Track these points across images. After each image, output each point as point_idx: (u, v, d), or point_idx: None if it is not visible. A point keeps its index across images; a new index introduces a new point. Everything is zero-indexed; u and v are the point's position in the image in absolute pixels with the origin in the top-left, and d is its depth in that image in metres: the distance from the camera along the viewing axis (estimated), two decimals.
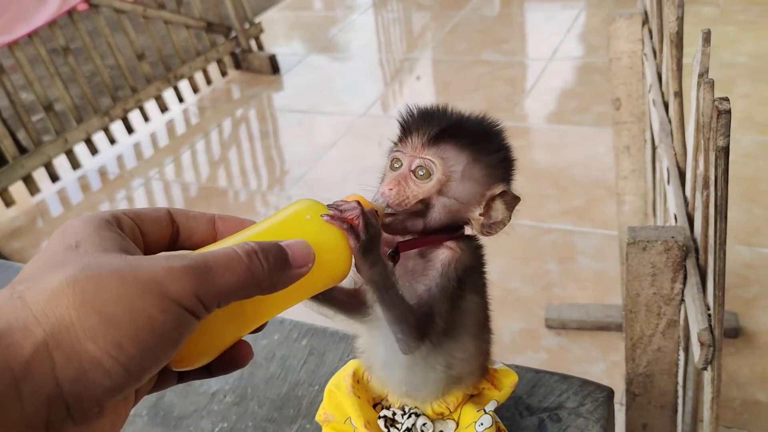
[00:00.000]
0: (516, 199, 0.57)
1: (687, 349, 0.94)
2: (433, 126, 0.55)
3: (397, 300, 0.52)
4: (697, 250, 0.79)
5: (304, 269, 0.41)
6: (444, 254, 0.56)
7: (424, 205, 0.55)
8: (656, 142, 1.07)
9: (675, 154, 0.95)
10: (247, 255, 0.38)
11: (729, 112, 0.59)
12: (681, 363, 0.92)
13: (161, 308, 0.34)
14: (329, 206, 0.47)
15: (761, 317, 1.65)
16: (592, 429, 0.72)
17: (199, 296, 0.35)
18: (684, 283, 0.80)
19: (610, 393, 0.76)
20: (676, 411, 0.91)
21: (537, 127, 2.69)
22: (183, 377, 0.42)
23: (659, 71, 1.14)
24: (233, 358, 0.42)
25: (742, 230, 1.93)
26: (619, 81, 1.43)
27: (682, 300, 0.82)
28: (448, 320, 0.56)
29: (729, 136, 0.60)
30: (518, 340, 1.74)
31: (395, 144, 0.57)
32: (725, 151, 0.60)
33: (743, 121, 2.40)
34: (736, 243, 1.89)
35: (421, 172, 0.54)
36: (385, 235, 0.53)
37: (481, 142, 0.56)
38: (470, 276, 0.57)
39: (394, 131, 0.58)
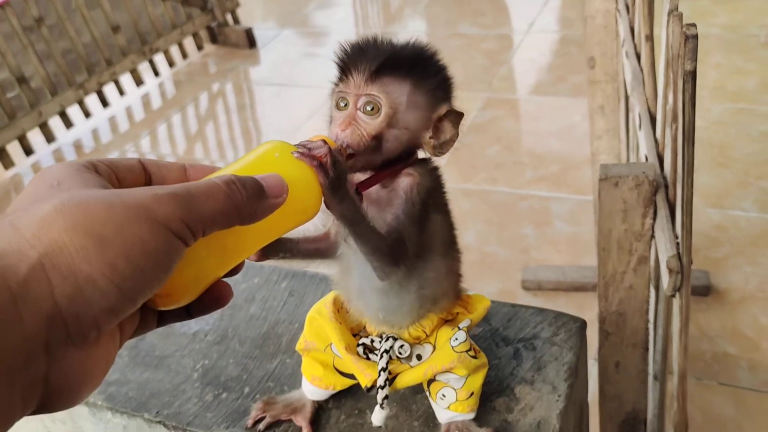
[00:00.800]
0: (460, 115, 0.59)
1: (657, 287, 0.97)
2: (372, 60, 0.56)
3: (368, 231, 0.54)
4: (666, 186, 0.81)
5: (280, 199, 0.42)
6: (405, 182, 0.58)
7: (378, 140, 0.56)
8: (629, 92, 1.09)
9: (647, 100, 0.97)
10: (226, 184, 0.39)
11: (696, 37, 0.61)
12: (652, 302, 0.94)
13: (150, 231, 0.35)
14: (297, 145, 0.48)
15: (731, 275, 1.69)
16: (566, 356, 0.74)
17: (185, 221, 0.36)
18: (654, 219, 0.82)
19: (582, 324, 0.78)
20: (647, 349, 0.94)
21: (515, 98, 2.71)
22: (163, 320, 0.43)
23: (632, 25, 1.15)
24: (213, 297, 0.43)
25: (712, 194, 1.97)
26: (594, 41, 1.45)
27: (653, 236, 0.84)
28: (418, 243, 0.58)
29: (696, 60, 0.61)
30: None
31: (336, 84, 0.58)
32: (692, 75, 0.62)
33: (715, 90, 2.44)
34: (708, 206, 1.93)
35: (369, 108, 0.56)
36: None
37: (419, 69, 0.58)
38: (432, 197, 0.59)
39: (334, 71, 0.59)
